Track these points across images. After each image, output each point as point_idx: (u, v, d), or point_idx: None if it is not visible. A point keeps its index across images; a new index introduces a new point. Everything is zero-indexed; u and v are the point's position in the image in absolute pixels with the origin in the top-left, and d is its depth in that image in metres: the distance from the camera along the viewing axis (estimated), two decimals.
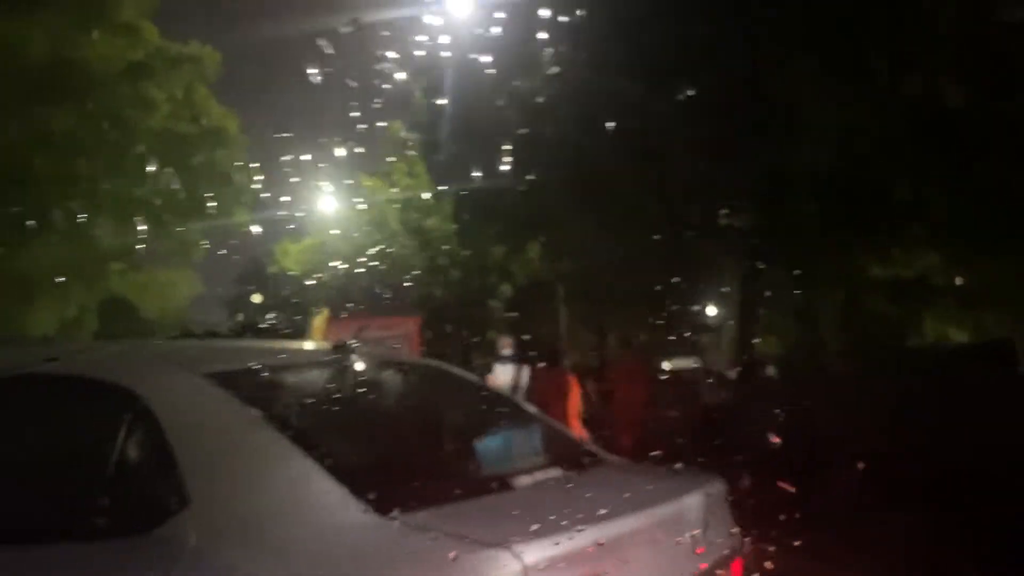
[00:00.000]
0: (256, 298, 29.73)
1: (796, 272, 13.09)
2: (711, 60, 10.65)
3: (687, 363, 12.11)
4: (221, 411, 2.38)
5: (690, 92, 11.04)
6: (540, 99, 12.73)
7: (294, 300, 27.07)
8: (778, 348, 17.01)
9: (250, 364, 2.66)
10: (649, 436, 8.03)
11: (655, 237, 12.95)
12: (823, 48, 9.51)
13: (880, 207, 10.03)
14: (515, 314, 22.58)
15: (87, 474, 2.33)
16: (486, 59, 12.98)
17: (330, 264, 25.78)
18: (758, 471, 3.86)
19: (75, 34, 15.87)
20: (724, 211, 13.10)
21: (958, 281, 9.87)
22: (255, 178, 20.20)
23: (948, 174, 8.86)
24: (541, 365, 8.36)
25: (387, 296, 23.04)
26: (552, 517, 2.07)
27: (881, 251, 10.47)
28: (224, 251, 22.82)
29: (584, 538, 1.99)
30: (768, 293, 14.57)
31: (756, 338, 16.19)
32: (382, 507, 2.03)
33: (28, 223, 15.11)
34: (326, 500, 2.09)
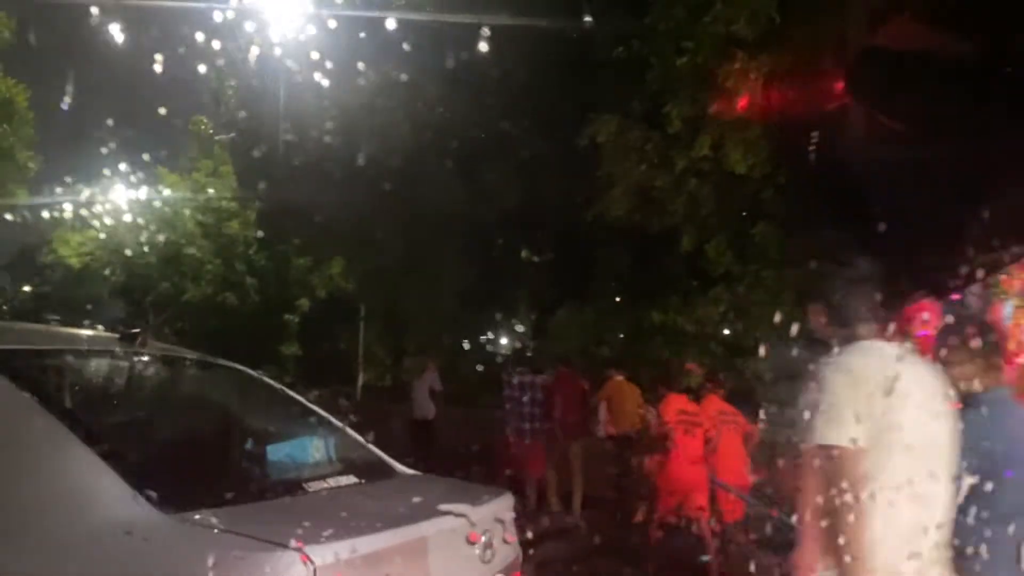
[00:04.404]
0: (25, 288, 26.77)
1: (584, 311, 13.81)
2: (527, 101, 11.07)
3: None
4: None
5: (504, 127, 11.41)
6: (358, 112, 12.52)
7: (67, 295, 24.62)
8: None
9: (29, 345, 2.43)
10: None
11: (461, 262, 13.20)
12: (623, 105, 10.07)
13: (664, 259, 10.84)
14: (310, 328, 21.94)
15: None
16: (302, 64, 12.60)
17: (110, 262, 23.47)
18: None
19: None
20: (527, 248, 13.59)
21: (725, 332, 10.83)
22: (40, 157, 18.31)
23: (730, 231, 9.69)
24: None
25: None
26: (345, 521, 2.09)
27: (660, 300, 11.33)
28: None
29: (375, 542, 2.03)
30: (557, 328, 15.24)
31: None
32: (167, 504, 1.96)
33: None
34: (107, 495, 1.98)
